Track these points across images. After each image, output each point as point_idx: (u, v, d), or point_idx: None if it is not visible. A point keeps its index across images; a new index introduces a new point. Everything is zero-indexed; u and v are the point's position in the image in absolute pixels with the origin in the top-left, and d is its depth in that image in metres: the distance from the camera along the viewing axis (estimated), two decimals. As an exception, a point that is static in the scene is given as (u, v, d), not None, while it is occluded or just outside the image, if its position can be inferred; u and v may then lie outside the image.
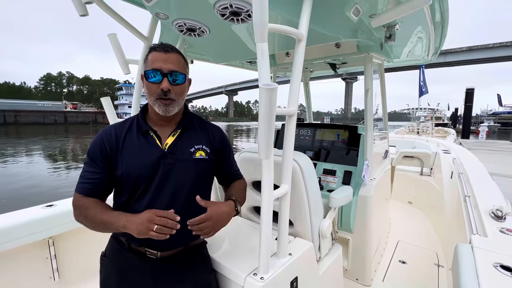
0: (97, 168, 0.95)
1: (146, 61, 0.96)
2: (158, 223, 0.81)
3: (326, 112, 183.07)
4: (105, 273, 1.03)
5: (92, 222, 0.90)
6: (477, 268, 0.94)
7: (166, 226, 0.82)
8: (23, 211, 1.56)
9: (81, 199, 0.93)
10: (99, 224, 0.89)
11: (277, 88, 0.78)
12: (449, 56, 42.17)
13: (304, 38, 0.98)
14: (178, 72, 0.95)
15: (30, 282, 1.53)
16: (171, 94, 0.94)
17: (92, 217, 0.89)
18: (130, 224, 0.84)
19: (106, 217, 0.88)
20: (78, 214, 0.92)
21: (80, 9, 1.17)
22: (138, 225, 0.82)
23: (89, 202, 0.92)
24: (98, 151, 0.96)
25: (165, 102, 0.95)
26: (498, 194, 1.77)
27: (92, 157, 0.96)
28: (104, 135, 0.98)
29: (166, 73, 0.93)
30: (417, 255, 2.46)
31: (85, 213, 0.90)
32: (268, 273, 0.99)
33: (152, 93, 0.94)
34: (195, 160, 1.01)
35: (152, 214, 0.84)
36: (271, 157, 0.92)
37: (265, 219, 0.96)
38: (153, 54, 0.94)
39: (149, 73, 0.93)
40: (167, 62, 0.93)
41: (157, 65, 0.92)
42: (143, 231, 0.81)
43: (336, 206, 1.48)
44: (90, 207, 0.91)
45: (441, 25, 1.61)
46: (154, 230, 0.81)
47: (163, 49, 0.94)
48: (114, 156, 0.96)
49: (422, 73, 12.92)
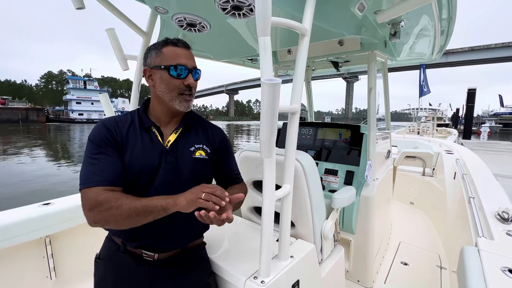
0: (110, 155, 0.87)
1: (161, 55, 0.92)
2: (207, 191, 0.81)
3: (327, 112, 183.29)
4: (100, 276, 0.99)
5: (128, 210, 0.80)
6: (484, 272, 0.91)
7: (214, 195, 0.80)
8: (19, 209, 1.54)
9: (104, 192, 0.81)
10: (139, 210, 0.80)
11: (280, 84, 0.75)
12: (451, 56, 42.06)
13: (308, 33, 0.95)
14: (198, 69, 0.97)
15: (27, 281, 1.51)
16: (193, 90, 0.97)
17: (128, 204, 0.80)
18: (179, 198, 0.82)
19: (147, 201, 0.81)
20: (104, 209, 0.80)
21: (77, 2, 1.13)
22: (188, 194, 0.82)
23: (117, 192, 0.84)
24: (105, 137, 0.89)
25: (188, 98, 0.96)
26: (503, 195, 1.74)
27: (100, 145, 0.87)
28: (108, 123, 0.92)
29: (191, 69, 0.94)
30: (419, 257, 2.43)
31: (118, 203, 0.80)
32: (269, 277, 0.96)
33: (173, 88, 0.92)
34: (195, 160, 0.98)
35: (195, 189, 0.83)
36: (273, 156, 0.89)
37: (266, 220, 0.93)
38: (174, 49, 0.93)
39: (174, 68, 0.90)
40: (189, 59, 0.95)
41: (183, 61, 0.92)
42: (193, 198, 0.80)
43: (339, 207, 1.45)
44: (121, 197, 0.82)
45: (448, 22, 1.57)
46: (203, 198, 0.79)
47: (184, 45, 0.95)
48: (120, 145, 0.90)
49: (423, 73, 12.87)
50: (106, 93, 1.44)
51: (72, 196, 1.74)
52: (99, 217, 0.81)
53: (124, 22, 1.37)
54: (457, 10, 1.44)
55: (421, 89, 13.18)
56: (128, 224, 0.82)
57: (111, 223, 0.81)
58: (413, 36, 1.84)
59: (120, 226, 0.82)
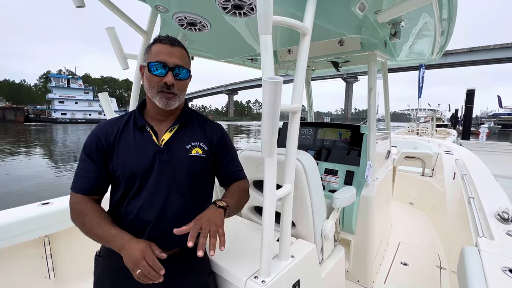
0: (93, 165, 0.93)
1: (149, 52, 0.92)
2: (142, 269, 0.79)
3: (326, 112, 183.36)
4: (99, 274, 0.99)
5: (88, 233, 0.88)
6: (485, 272, 0.91)
7: (147, 275, 0.79)
8: (18, 209, 1.53)
9: (79, 202, 0.91)
10: (95, 237, 0.88)
11: (281, 82, 0.75)
12: (450, 57, 42.18)
13: (309, 32, 0.95)
14: (182, 67, 0.93)
15: (25, 281, 1.50)
16: (174, 88, 0.92)
17: (89, 228, 0.88)
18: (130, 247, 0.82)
19: (103, 233, 0.86)
20: (74, 217, 0.90)
21: (77, 0, 1.13)
22: (130, 258, 0.80)
23: (87, 208, 0.90)
24: (94, 147, 0.93)
25: (168, 96, 0.92)
26: (503, 196, 1.74)
27: (88, 153, 0.93)
28: (99, 131, 0.96)
29: (172, 67, 0.90)
30: (419, 257, 2.43)
31: (82, 221, 0.89)
32: (270, 276, 0.96)
33: (153, 85, 0.91)
34: (191, 158, 0.97)
35: (141, 254, 0.80)
36: (274, 156, 0.89)
37: (267, 220, 0.92)
38: (158, 46, 0.91)
39: (153, 65, 0.89)
40: (173, 56, 0.91)
41: (162, 58, 0.89)
42: (131, 266, 0.80)
43: (340, 207, 1.44)
44: (87, 215, 0.88)
45: (448, 22, 1.57)
46: (136, 273, 0.79)
47: (169, 42, 0.91)
48: (110, 151, 0.94)
49: (422, 73, 12.93)
50: (105, 93, 1.43)
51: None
52: (73, 221, 0.91)
53: (124, 21, 1.37)
54: (457, 10, 1.45)
55: (420, 89, 13.23)
56: (91, 238, 0.89)
57: (81, 230, 0.90)
58: (413, 36, 1.84)
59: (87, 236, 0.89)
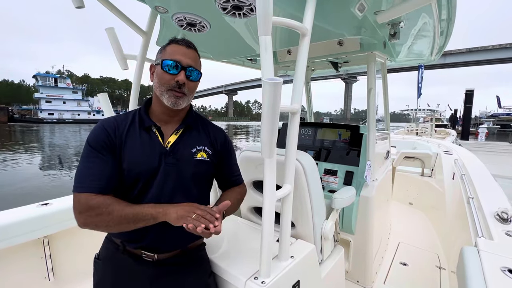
0: (105, 160, 0.87)
1: (164, 51, 0.94)
2: (199, 213, 0.82)
3: (325, 113, 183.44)
4: (99, 277, 0.99)
5: (119, 217, 0.81)
6: (484, 272, 0.91)
7: (204, 218, 0.81)
8: (17, 210, 1.53)
9: (96, 197, 0.82)
10: (129, 217, 0.82)
11: (281, 83, 0.75)
12: (449, 57, 42.29)
13: (308, 32, 0.95)
14: (194, 69, 0.94)
15: (25, 282, 1.49)
16: (185, 88, 0.93)
17: (119, 211, 0.81)
18: (169, 209, 0.84)
19: (138, 209, 0.83)
20: (95, 214, 0.81)
21: (76, 1, 1.13)
22: (179, 209, 0.83)
23: (109, 198, 0.84)
24: (102, 140, 0.88)
25: (177, 95, 0.92)
26: (502, 196, 1.75)
27: (97, 148, 0.87)
28: (106, 125, 0.92)
29: (185, 67, 0.92)
30: (418, 257, 2.43)
31: (108, 210, 0.81)
32: (270, 277, 0.96)
33: (164, 83, 0.91)
34: (196, 161, 0.97)
35: (191, 207, 0.85)
36: (274, 156, 0.89)
37: (267, 220, 0.92)
38: (174, 46, 0.93)
39: (167, 63, 0.90)
40: (187, 57, 0.93)
41: (177, 57, 0.91)
42: (183, 215, 0.82)
43: (339, 207, 1.44)
44: (113, 203, 0.82)
45: (447, 22, 1.57)
46: (193, 218, 0.81)
47: (185, 44, 0.94)
48: (118, 148, 0.90)
49: (421, 73, 12.96)
50: (105, 93, 1.42)
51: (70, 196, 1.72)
52: (89, 221, 0.82)
53: (123, 22, 1.36)
54: (456, 11, 1.45)
55: (420, 90, 13.26)
56: (118, 229, 0.85)
57: (101, 227, 0.84)
58: (413, 36, 1.84)
59: (110, 231, 0.86)
